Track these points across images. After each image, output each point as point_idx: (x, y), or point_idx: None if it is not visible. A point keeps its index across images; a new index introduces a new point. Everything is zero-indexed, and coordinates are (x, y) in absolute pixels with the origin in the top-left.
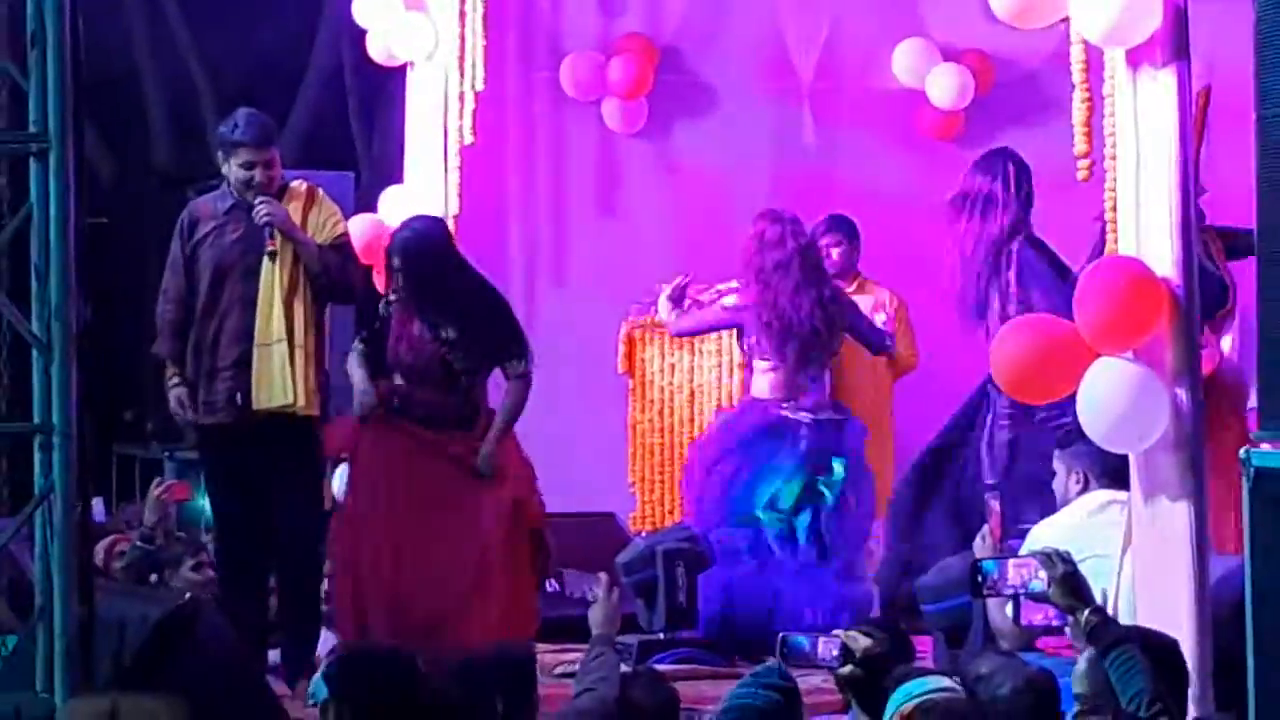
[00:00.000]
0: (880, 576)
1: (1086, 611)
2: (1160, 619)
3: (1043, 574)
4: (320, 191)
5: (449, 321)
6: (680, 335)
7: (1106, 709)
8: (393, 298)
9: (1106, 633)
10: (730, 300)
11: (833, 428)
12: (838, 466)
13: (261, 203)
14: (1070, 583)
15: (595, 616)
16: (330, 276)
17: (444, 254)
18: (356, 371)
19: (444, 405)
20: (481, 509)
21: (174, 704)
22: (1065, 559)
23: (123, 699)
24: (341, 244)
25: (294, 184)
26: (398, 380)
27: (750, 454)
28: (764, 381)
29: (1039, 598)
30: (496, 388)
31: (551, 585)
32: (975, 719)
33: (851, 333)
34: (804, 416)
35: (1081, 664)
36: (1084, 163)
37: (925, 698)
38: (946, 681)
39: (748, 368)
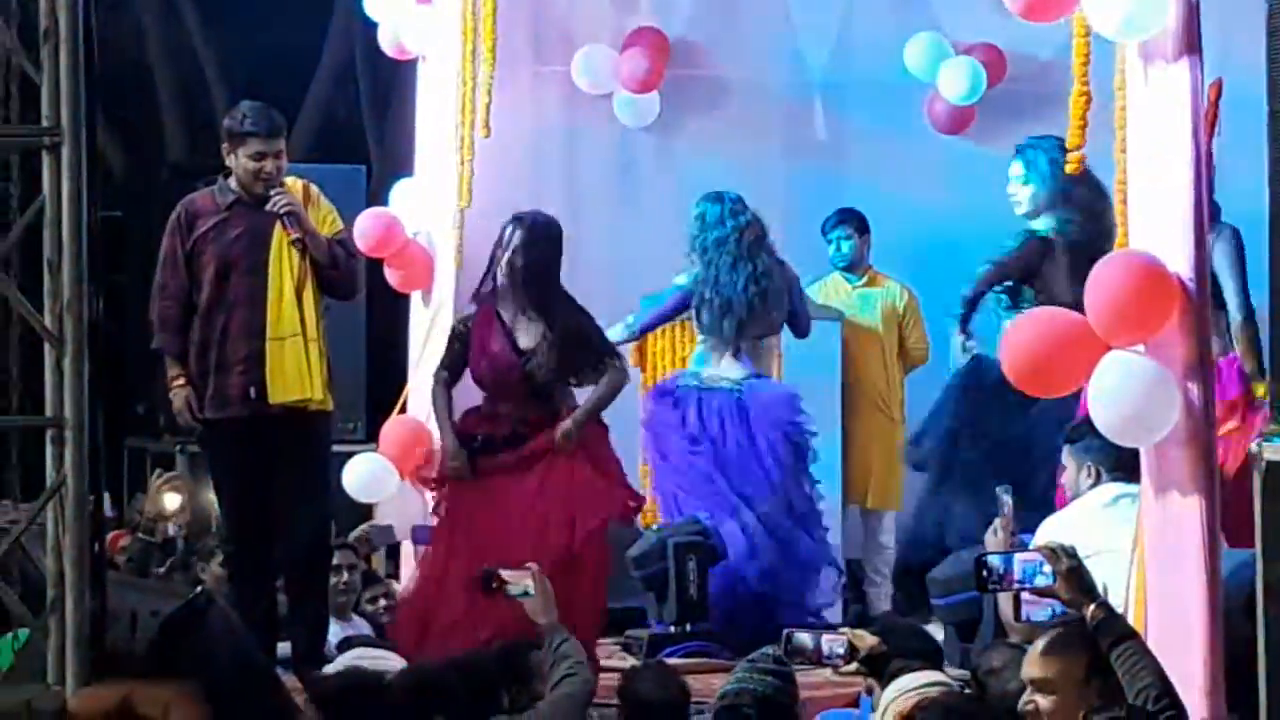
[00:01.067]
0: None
1: (1092, 606)
2: (1171, 613)
3: (1048, 568)
4: (315, 189)
5: (548, 321)
6: (643, 331)
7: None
8: (461, 318)
9: (1112, 627)
10: (680, 279)
11: (755, 401)
12: (761, 440)
13: (277, 193)
14: (1075, 577)
15: (534, 608)
16: (338, 269)
17: (559, 251)
18: (443, 425)
19: (525, 417)
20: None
21: (186, 692)
22: (1070, 553)
23: (135, 687)
24: (344, 239)
25: (290, 181)
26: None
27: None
28: (703, 356)
29: (1044, 592)
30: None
31: None
32: (975, 714)
33: (791, 315)
34: (728, 388)
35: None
36: (1075, 155)
37: (921, 693)
38: (939, 676)
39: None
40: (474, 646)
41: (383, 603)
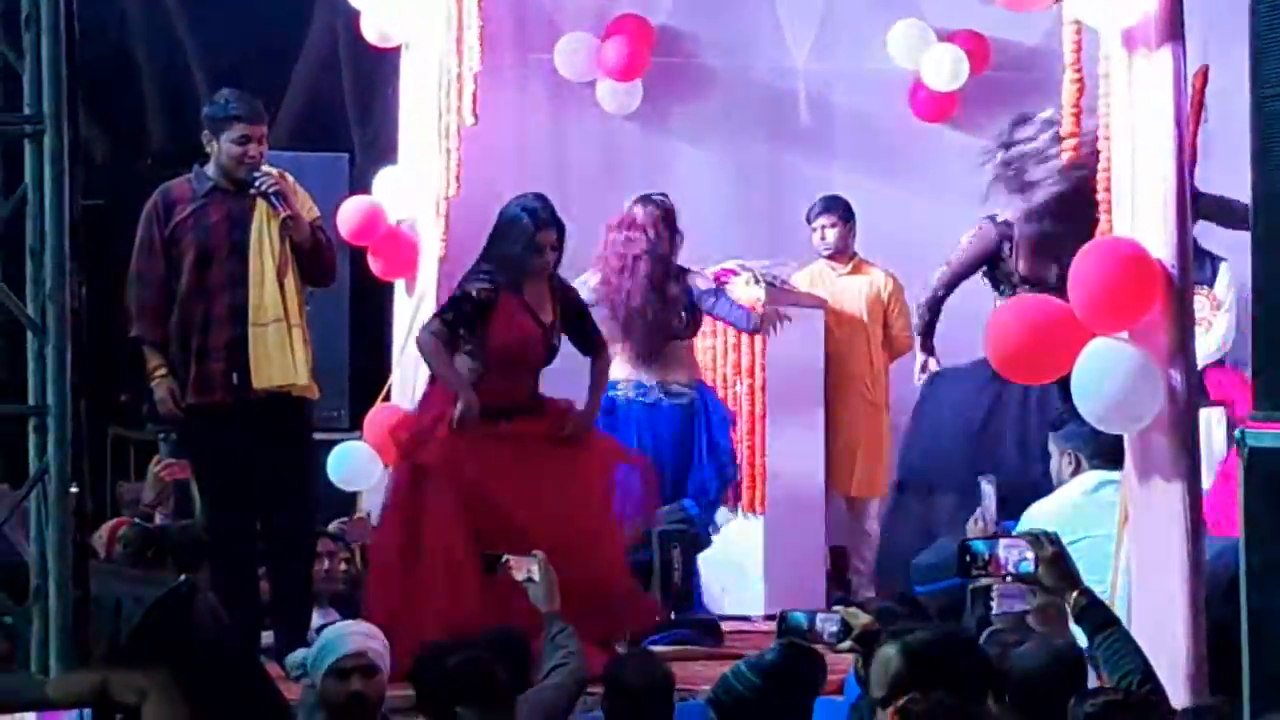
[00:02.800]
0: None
1: (1075, 593)
2: (1155, 600)
3: (1030, 555)
4: (289, 177)
5: (553, 298)
6: None
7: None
8: (488, 281)
9: (1095, 614)
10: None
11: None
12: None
13: (262, 173)
14: (1058, 564)
15: (537, 595)
16: (319, 253)
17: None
18: (455, 375)
19: (522, 392)
20: (592, 471)
21: (165, 678)
22: (1053, 540)
23: (112, 674)
24: (322, 226)
25: (266, 169)
26: (477, 367)
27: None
28: (616, 363)
29: (1027, 579)
30: None
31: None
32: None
33: (712, 316)
34: (634, 397)
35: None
36: (1070, 143)
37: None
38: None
39: None
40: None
41: None
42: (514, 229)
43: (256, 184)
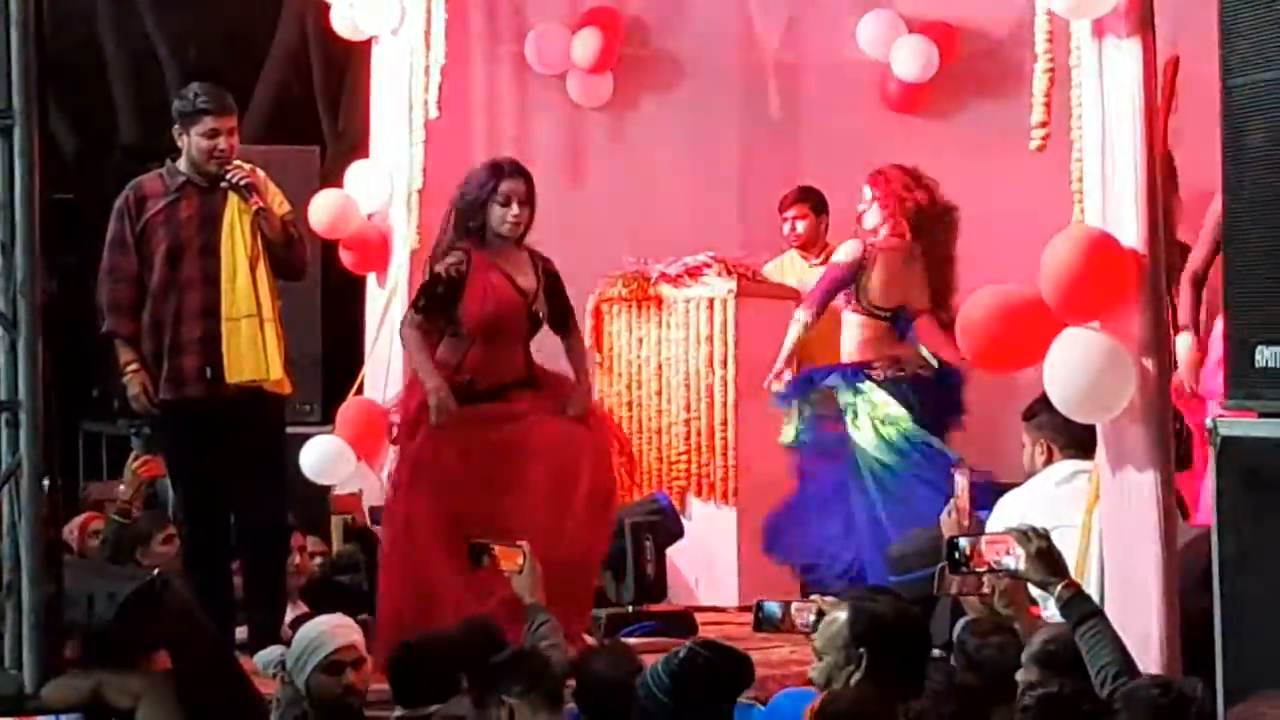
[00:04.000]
0: None
1: (1060, 585)
2: (1128, 588)
3: (1018, 550)
4: (260, 172)
5: (534, 268)
6: None
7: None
8: (458, 254)
9: (1079, 605)
10: None
11: None
12: None
13: (233, 166)
14: (1045, 558)
15: (521, 586)
16: (290, 248)
17: None
18: (425, 365)
19: (513, 366)
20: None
21: (159, 681)
22: (1041, 534)
23: (107, 677)
24: (294, 220)
25: (236, 164)
26: (462, 345)
27: None
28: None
29: (1012, 574)
30: None
31: None
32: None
33: None
34: None
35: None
36: (1039, 132)
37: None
38: None
39: None
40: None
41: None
42: (474, 181)
43: (228, 177)
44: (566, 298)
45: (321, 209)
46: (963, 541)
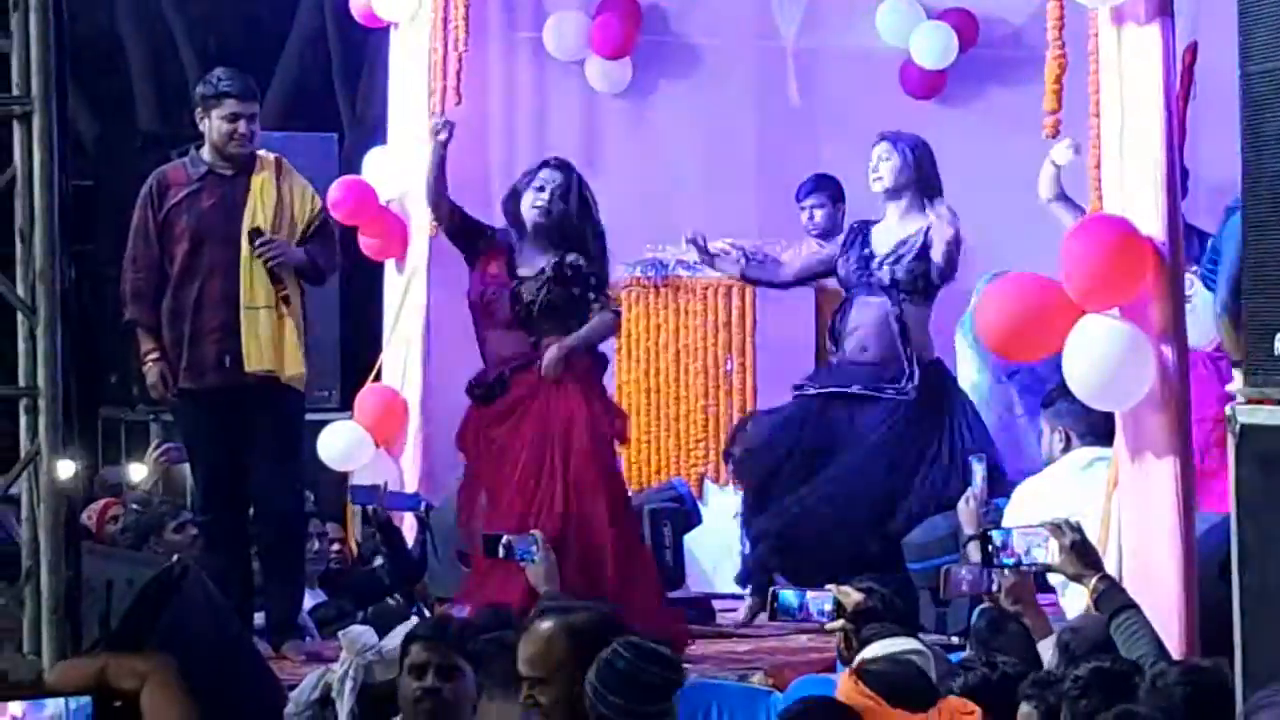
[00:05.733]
0: None
1: (1094, 578)
2: (1146, 574)
3: (1052, 543)
4: (286, 162)
5: (555, 257)
6: None
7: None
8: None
9: (1112, 598)
10: None
11: None
12: None
13: (262, 243)
14: (1079, 550)
15: (536, 575)
16: (315, 267)
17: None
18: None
19: (511, 354)
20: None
21: (164, 663)
22: (1075, 528)
23: (112, 659)
24: (322, 226)
25: (262, 154)
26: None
27: None
28: None
29: (1043, 567)
30: None
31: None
32: (920, 679)
33: None
34: None
35: None
36: (1050, 119)
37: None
38: (912, 643)
39: None
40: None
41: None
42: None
43: (257, 254)
44: (576, 287)
45: (341, 196)
46: (996, 534)
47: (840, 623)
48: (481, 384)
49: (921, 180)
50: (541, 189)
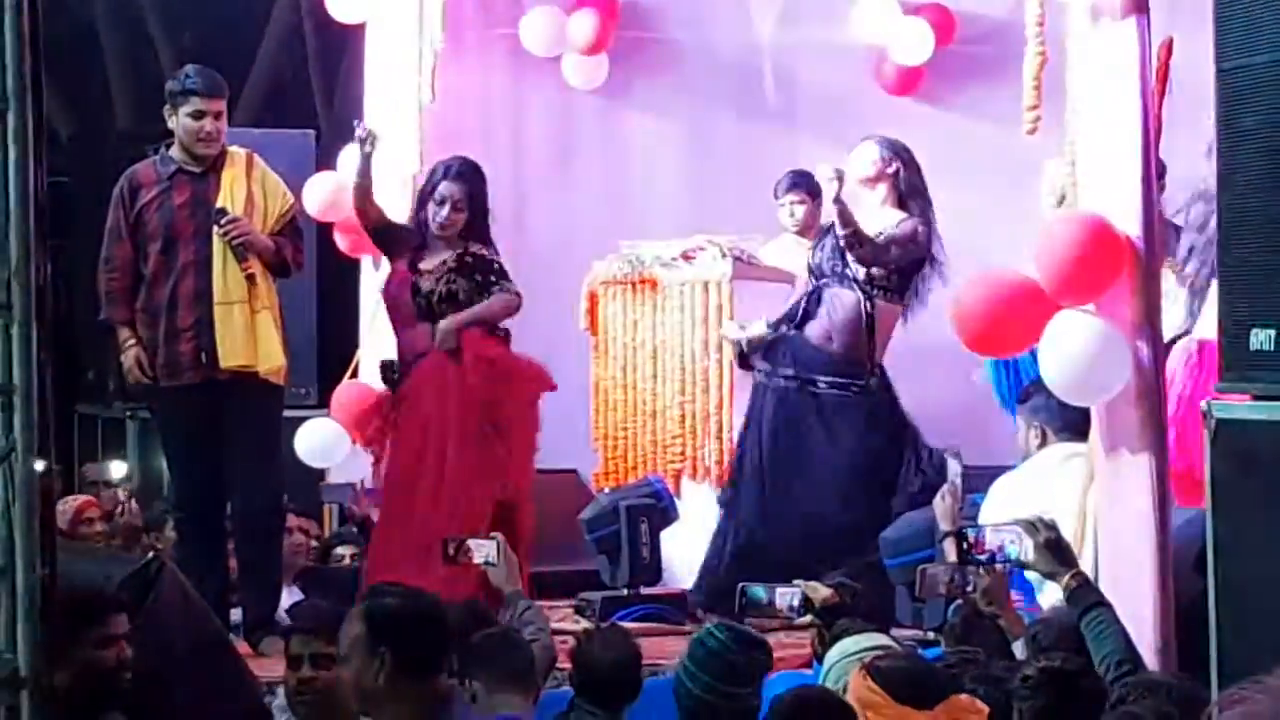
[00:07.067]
0: None
1: (1067, 576)
2: (1122, 571)
3: (1027, 540)
4: (257, 158)
5: (455, 250)
6: None
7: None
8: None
9: (1084, 595)
10: None
11: None
12: None
13: (227, 221)
14: (1053, 548)
15: (499, 577)
16: (283, 260)
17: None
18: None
19: (420, 339)
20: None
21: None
22: (1049, 525)
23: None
24: (291, 222)
25: (232, 150)
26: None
27: None
28: None
29: (1016, 564)
30: None
31: None
32: (929, 676)
33: None
34: None
35: None
36: (1030, 115)
37: (860, 658)
38: (882, 639)
39: None
40: None
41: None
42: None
43: (220, 232)
44: (475, 275)
45: (317, 193)
46: (969, 531)
47: (809, 618)
48: (388, 377)
49: (901, 178)
50: (442, 203)
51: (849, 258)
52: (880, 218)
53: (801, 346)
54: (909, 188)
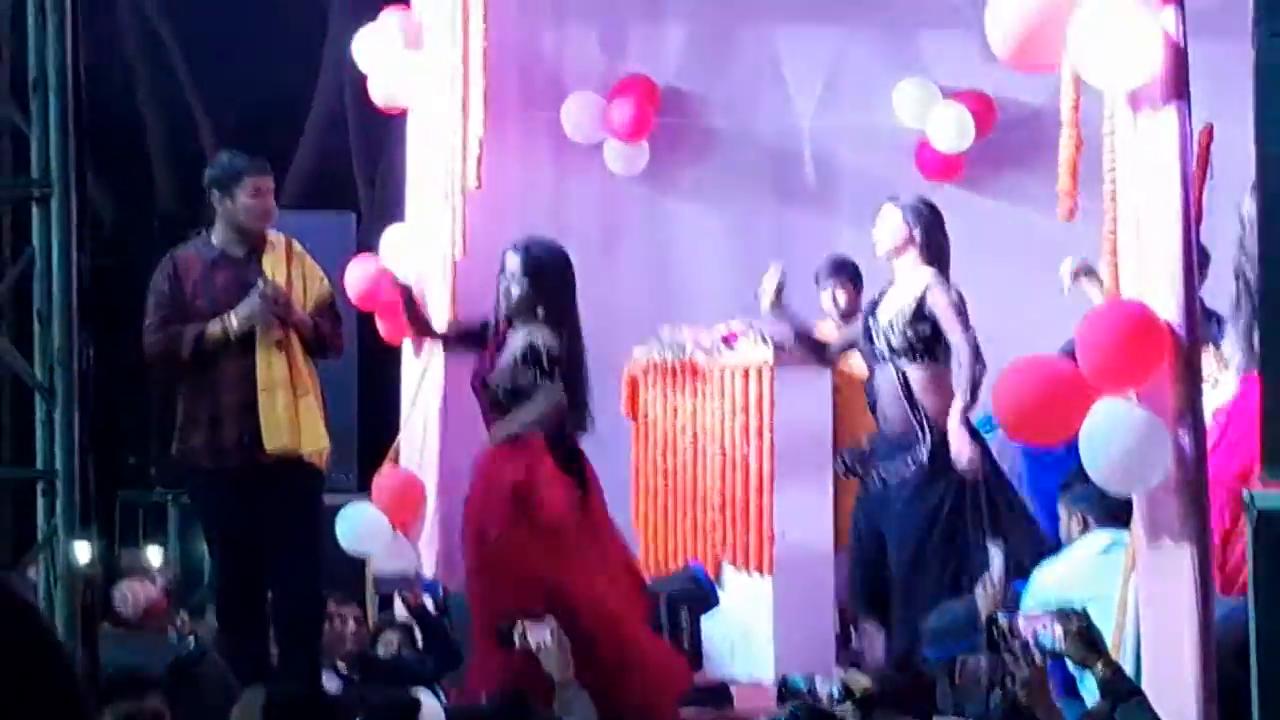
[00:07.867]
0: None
1: (1100, 664)
2: (1165, 661)
3: (1058, 629)
4: (297, 244)
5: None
6: None
7: None
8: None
9: (1118, 685)
10: None
11: None
12: None
13: (262, 291)
14: (1085, 637)
15: (550, 664)
16: (321, 341)
17: (562, 275)
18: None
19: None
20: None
21: None
22: (1080, 615)
23: None
24: (330, 305)
25: (272, 235)
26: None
27: None
28: None
29: (1050, 653)
30: None
31: None
32: None
33: None
34: None
35: None
36: (1065, 199)
37: None
38: None
39: None
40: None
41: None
42: None
43: (258, 293)
44: (529, 369)
45: (357, 279)
46: (1001, 618)
47: (848, 706)
48: None
49: (924, 244)
50: (505, 275)
51: (874, 333)
52: (903, 290)
53: (878, 433)
54: (933, 253)
